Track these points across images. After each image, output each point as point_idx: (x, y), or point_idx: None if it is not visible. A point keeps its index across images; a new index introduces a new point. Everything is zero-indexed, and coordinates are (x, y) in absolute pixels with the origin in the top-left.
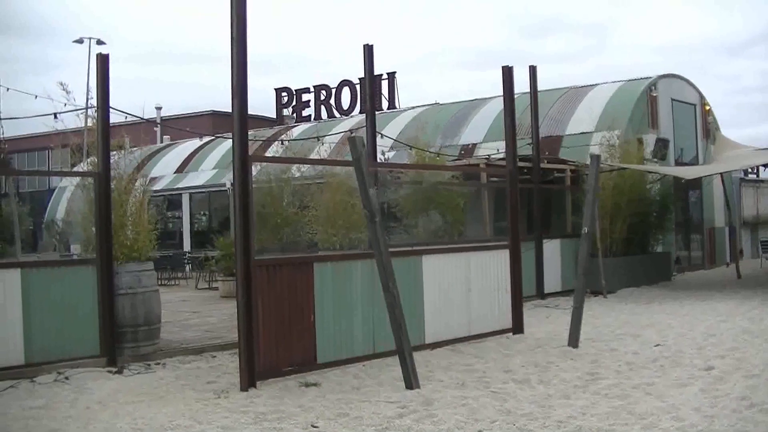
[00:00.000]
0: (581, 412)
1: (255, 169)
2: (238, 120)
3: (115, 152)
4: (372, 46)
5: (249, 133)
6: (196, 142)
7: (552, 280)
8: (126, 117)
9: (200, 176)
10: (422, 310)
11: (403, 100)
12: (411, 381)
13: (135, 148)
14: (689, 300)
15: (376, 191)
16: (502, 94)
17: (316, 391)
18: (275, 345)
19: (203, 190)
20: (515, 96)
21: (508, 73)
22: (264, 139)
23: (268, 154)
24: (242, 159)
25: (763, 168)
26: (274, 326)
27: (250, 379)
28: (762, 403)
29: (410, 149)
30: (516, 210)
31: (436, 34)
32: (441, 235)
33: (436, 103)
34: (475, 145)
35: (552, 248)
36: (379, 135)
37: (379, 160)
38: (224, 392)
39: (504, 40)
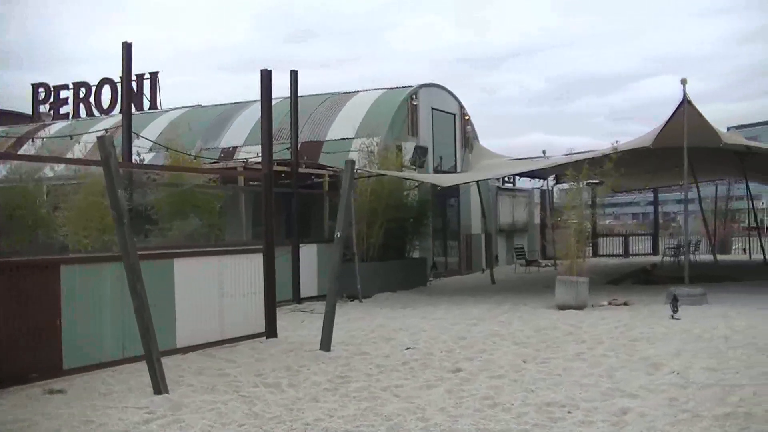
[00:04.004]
0: (329, 414)
1: (4, 167)
2: None
3: None
4: (131, 44)
5: None
6: None
7: (309, 285)
8: None
9: None
10: (173, 314)
11: (166, 100)
12: (159, 386)
13: None
14: (443, 305)
15: (131, 193)
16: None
17: (61, 398)
18: (19, 351)
19: None
20: (278, 100)
21: (266, 76)
22: (17, 136)
23: (23, 152)
24: None
25: (519, 177)
26: (18, 331)
27: None
28: (505, 403)
29: (167, 150)
30: (271, 214)
31: (201, 37)
32: (197, 238)
33: (198, 105)
34: (236, 148)
35: (309, 253)
36: (136, 135)
37: (135, 161)
38: None
39: (269, 44)
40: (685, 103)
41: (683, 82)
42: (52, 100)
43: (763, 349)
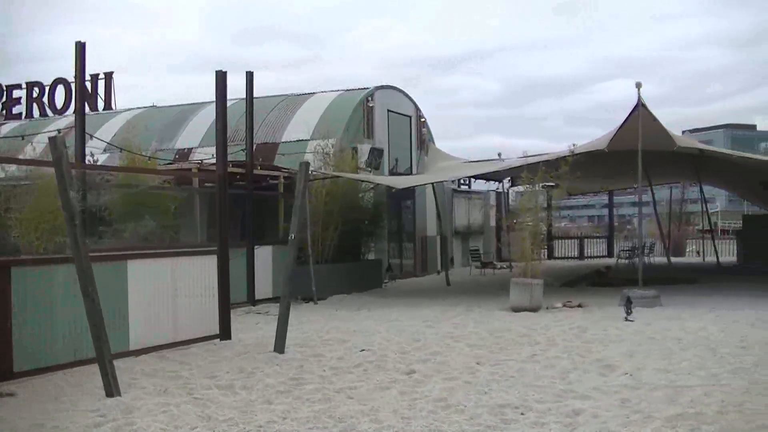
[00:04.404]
0: (282, 417)
1: None
2: None
3: None
4: (84, 43)
5: None
6: None
7: (264, 287)
8: None
9: None
10: (127, 316)
11: (121, 101)
12: (111, 389)
13: None
14: (398, 307)
15: (84, 194)
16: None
17: (12, 402)
18: None
19: None
20: (233, 102)
21: (221, 77)
22: None
23: None
24: None
25: (474, 179)
26: None
27: None
28: (458, 404)
29: (121, 151)
30: (225, 215)
31: (157, 37)
32: (151, 240)
33: (153, 106)
34: (191, 149)
35: (264, 255)
36: (89, 136)
37: (88, 162)
38: None
39: (222, 45)
40: (640, 107)
41: (638, 85)
42: (4, 99)
43: (715, 351)
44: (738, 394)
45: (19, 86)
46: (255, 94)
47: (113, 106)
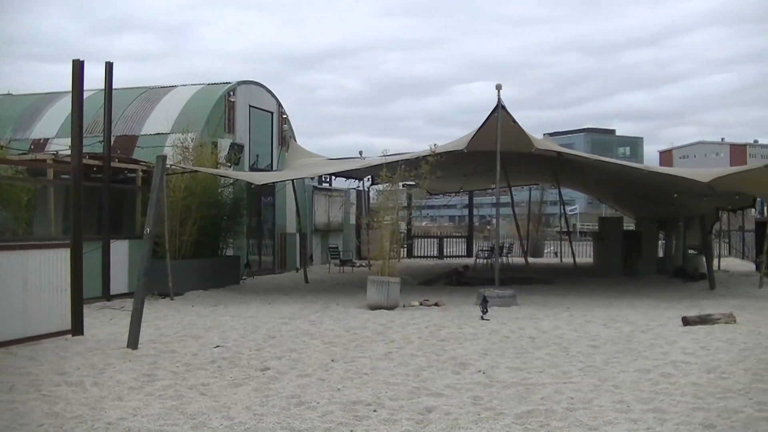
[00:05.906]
0: (132, 414)
1: None
2: None
3: None
4: None
5: None
6: None
7: (120, 282)
8: None
9: None
10: None
11: None
12: None
13: None
14: (255, 303)
15: None
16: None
17: None
18: None
19: None
20: (92, 93)
21: (78, 66)
22: None
23: None
24: None
25: (335, 177)
26: None
27: None
28: (311, 401)
29: None
30: (79, 208)
31: (15, 24)
32: (1, 231)
33: (8, 94)
34: (47, 140)
35: (121, 249)
36: None
37: None
38: None
39: (80, 34)
40: (500, 109)
41: (498, 87)
42: None
43: (567, 350)
44: (587, 391)
45: None
46: (114, 86)
47: None
